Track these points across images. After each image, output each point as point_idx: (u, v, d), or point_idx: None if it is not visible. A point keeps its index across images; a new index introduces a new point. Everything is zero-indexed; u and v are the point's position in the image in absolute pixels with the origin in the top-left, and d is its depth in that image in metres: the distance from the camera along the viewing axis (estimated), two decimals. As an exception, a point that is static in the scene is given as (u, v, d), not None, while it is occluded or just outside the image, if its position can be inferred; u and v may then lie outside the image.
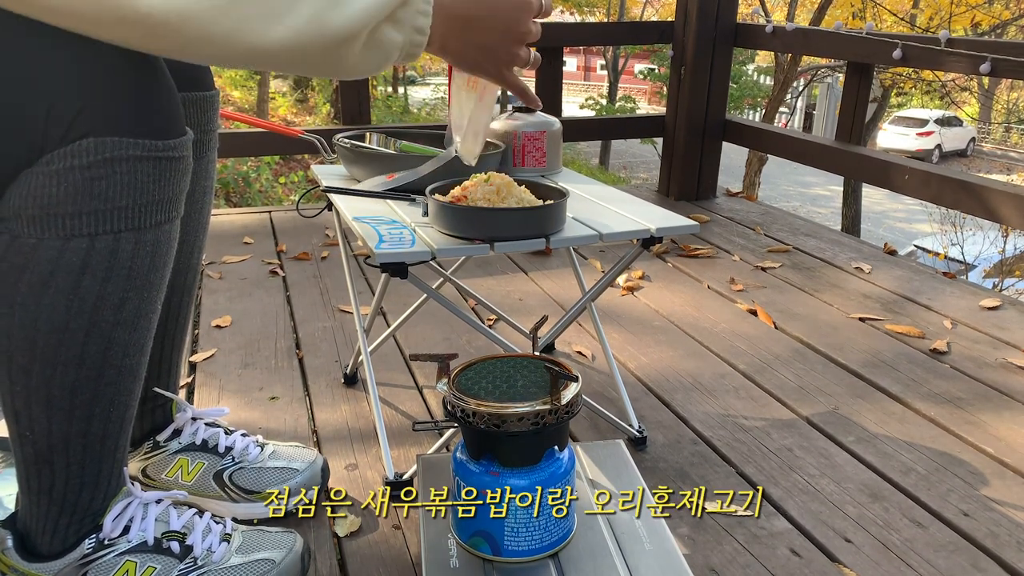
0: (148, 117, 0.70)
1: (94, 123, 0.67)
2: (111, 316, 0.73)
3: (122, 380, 0.77)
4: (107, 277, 0.71)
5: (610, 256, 2.22)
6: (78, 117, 0.66)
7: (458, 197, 1.06)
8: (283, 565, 0.88)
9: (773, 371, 1.54)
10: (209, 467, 1.03)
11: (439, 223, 1.04)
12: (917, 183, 2.21)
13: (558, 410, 0.81)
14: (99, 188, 0.68)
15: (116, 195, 0.69)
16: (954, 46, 2.08)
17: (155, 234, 0.73)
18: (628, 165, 16.15)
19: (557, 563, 0.85)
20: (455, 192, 1.07)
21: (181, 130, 0.74)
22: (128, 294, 0.73)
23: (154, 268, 0.75)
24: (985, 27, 8.33)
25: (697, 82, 2.72)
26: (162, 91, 0.71)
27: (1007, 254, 8.66)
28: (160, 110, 0.71)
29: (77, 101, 0.66)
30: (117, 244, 0.71)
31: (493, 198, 1.04)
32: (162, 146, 0.71)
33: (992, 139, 19.15)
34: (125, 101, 0.68)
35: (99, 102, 0.67)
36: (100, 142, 0.67)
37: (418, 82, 22.87)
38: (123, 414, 0.80)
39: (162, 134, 0.71)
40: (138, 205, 0.71)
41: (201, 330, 1.67)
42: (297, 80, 13.50)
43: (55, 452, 0.77)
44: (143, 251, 0.73)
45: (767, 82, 14.99)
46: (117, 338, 0.74)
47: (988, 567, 1.01)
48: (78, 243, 0.69)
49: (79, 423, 0.76)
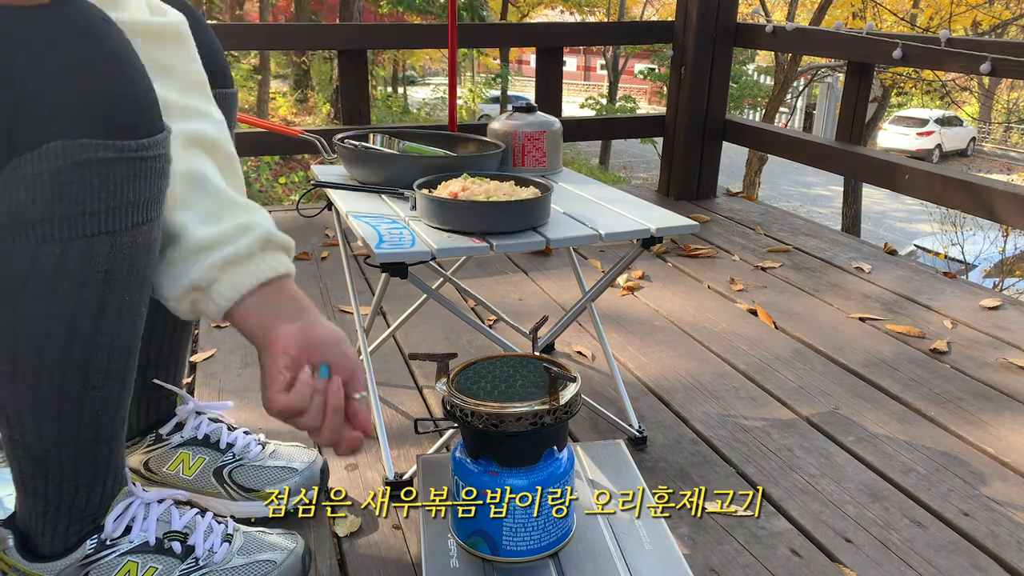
0: (120, 117, 0.67)
1: (63, 125, 0.64)
2: (91, 321, 0.71)
3: (109, 384, 0.76)
4: (83, 282, 0.69)
5: (610, 256, 2.22)
6: (46, 120, 0.64)
7: (454, 194, 1.09)
8: (284, 566, 0.88)
9: (773, 371, 1.54)
10: (210, 463, 1.03)
11: (427, 217, 1.08)
12: (917, 183, 2.21)
13: (557, 410, 0.81)
14: (70, 192, 0.66)
15: (88, 199, 0.67)
16: (954, 46, 2.08)
17: (132, 236, 0.71)
18: (628, 165, 16.15)
19: (557, 563, 0.85)
20: (453, 188, 1.11)
21: (156, 128, 0.71)
22: (108, 298, 0.71)
23: (134, 270, 0.73)
24: (985, 27, 8.33)
25: (697, 82, 2.72)
26: (135, 89, 0.69)
27: (1007, 254, 8.66)
28: (133, 109, 0.68)
29: (45, 103, 0.64)
30: (92, 248, 0.69)
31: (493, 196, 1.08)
32: (135, 146, 0.68)
33: (992, 139, 19.14)
34: (95, 102, 0.66)
35: (67, 104, 0.65)
36: (69, 145, 0.65)
37: (418, 82, 22.87)
38: (113, 417, 0.79)
39: (136, 133, 0.68)
40: (111, 208, 0.68)
41: (201, 330, 1.67)
42: (297, 80, 13.51)
43: (47, 455, 0.76)
44: (120, 254, 0.71)
45: (767, 82, 14.99)
46: (100, 342, 0.73)
47: (988, 567, 1.01)
48: (51, 249, 0.67)
49: (68, 428, 0.75)
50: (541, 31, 2.88)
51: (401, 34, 3.17)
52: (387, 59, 16.57)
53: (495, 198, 1.08)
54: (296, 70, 13.67)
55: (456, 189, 1.11)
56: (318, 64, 13.20)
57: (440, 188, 1.13)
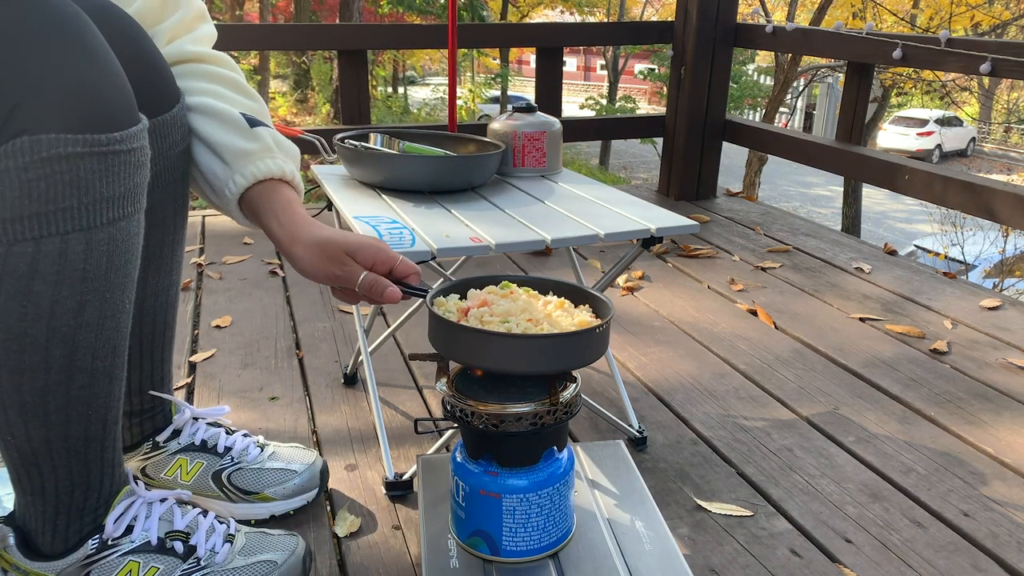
0: (88, 110, 0.66)
1: (28, 120, 0.63)
2: (71, 320, 0.70)
3: (95, 383, 0.75)
4: (59, 280, 0.68)
5: (610, 256, 2.22)
6: (11, 115, 0.63)
7: (466, 311, 0.83)
8: (285, 567, 0.88)
9: (773, 371, 1.54)
10: (208, 467, 1.03)
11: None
12: (917, 183, 2.21)
13: (557, 410, 0.81)
14: (39, 189, 0.65)
15: (59, 195, 0.66)
16: (954, 46, 2.08)
17: (109, 233, 0.70)
18: (628, 165, 16.15)
19: (557, 563, 0.85)
20: (479, 297, 0.86)
21: (130, 120, 0.69)
22: (87, 296, 0.71)
23: (113, 268, 0.72)
24: (985, 27, 8.33)
25: (697, 82, 2.72)
26: (105, 81, 0.67)
27: (1007, 254, 8.66)
28: (103, 101, 0.67)
29: (9, 98, 0.63)
30: (66, 246, 0.68)
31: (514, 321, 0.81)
32: (106, 140, 0.67)
33: (992, 139, 19.15)
34: (62, 95, 0.64)
35: (33, 98, 0.63)
36: (35, 140, 0.63)
37: (418, 82, 22.87)
38: (103, 416, 0.78)
39: (106, 127, 0.67)
40: (84, 204, 0.67)
41: (201, 330, 1.67)
42: (297, 80, 13.51)
43: (39, 456, 0.76)
44: (97, 251, 0.70)
45: (767, 82, 14.99)
46: (82, 341, 0.72)
47: (988, 567, 1.01)
48: (22, 248, 0.66)
49: (56, 427, 0.75)
50: (541, 31, 2.88)
51: (401, 34, 3.17)
52: (387, 59, 16.57)
53: (520, 326, 0.79)
54: (296, 70, 13.68)
55: (475, 304, 0.84)
56: (318, 64, 13.20)
57: (472, 296, 0.86)
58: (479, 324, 0.80)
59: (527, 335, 0.76)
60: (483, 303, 0.84)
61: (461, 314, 0.82)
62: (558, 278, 0.90)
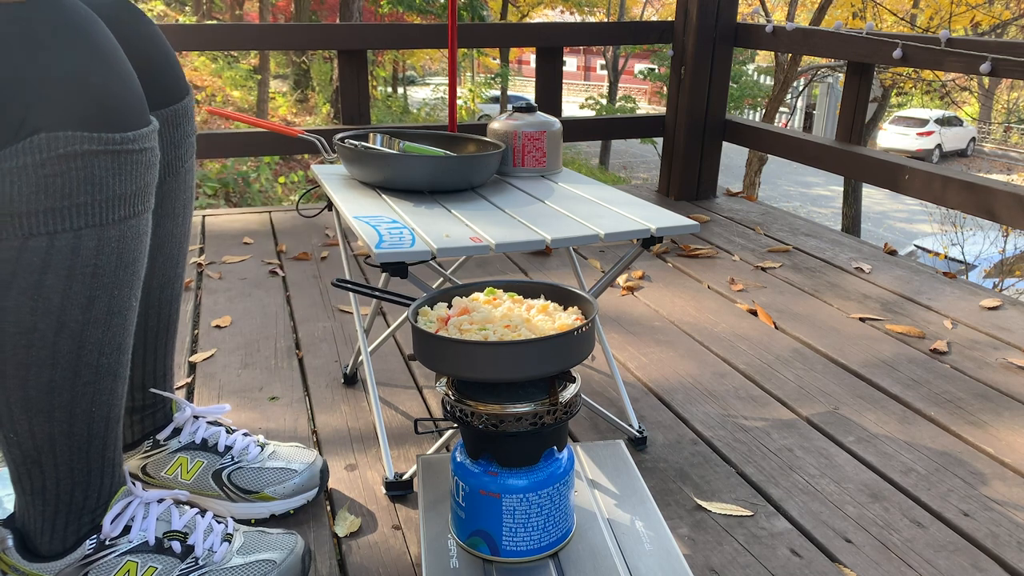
0: (103, 110, 0.67)
1: (45, 118, 0.65)
2: (80, 315, 0.71)
3: (101, 380, 0.76)
4: (71, 275, 0.69)
5: (610, 256, 2.22)
6: (28, 113, 0.64)
7: (445, 320, 0.84)
8: (284, 566, 0.88)
9: (773, 371, 1.54)
10: (208, 466, 1.03)
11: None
12: (917, 183, 2.21)
13: (556, 410, 0.81)
14: (54, 185, 0.66)
15: (73, 192, 0.67)
16: (954, 46, 2.08)
17: (120, 230, 0.71)
18: (628, 165, 16.15)
19: (557, 563, 0.85)
20: (461, 305, 0.87)
21: (142, 121, 0.71)
22: (96, 292, 0.72)
23: (122, 265, 0.73)
24: (985, 27, 8.33)
25: (697, 82, 2.72)
26: (118, 83, 0.69)
27: (1007, 254, 8.66)
28: (117, 102, 0.69)
29: (27, 96, 0.64)
30: (79, 242, 0.69)
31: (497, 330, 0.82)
32: (120, 139, 0.68)
33: (992, 139, 19.15)
34: (78, 94, 0.66)
35: (50, 96, 0.65)
36: (52, 137, 0.65)
37: (418, 82, 22.87)
38: (107, 413, 0.78)
39: (120, 126, 0.68)
40: (98, 201, 0.69)
41: (201, 330, 1.67)
42: (297, 80, 13.51)
43: (42, 453, 0.76)
44: (108, 248, 0.71)
45: (767, 82, 15.00)
46: (90, 337, 0.73)
47: (988, 567, 1.01)
48: (37, 242, 0.67)
49: (61, 424, 0.75)
50: (541, 31, 2.88)
51: (401, 34, 3.16)
52: (387, 59, 16.56)
53: (498, 333, 0.80)
54: (296, 70, 13.68)
55: (455, 312, 0.84)
56: (318, 64, 13.20)
57: (456, 304, 0.87)
58: (458, 333, 0.80)
59: (495, 342, 0.77)
60: (463, 311, 0.84)
61: (441, 323, 0.82)
62: (558, 279, 0.89)
